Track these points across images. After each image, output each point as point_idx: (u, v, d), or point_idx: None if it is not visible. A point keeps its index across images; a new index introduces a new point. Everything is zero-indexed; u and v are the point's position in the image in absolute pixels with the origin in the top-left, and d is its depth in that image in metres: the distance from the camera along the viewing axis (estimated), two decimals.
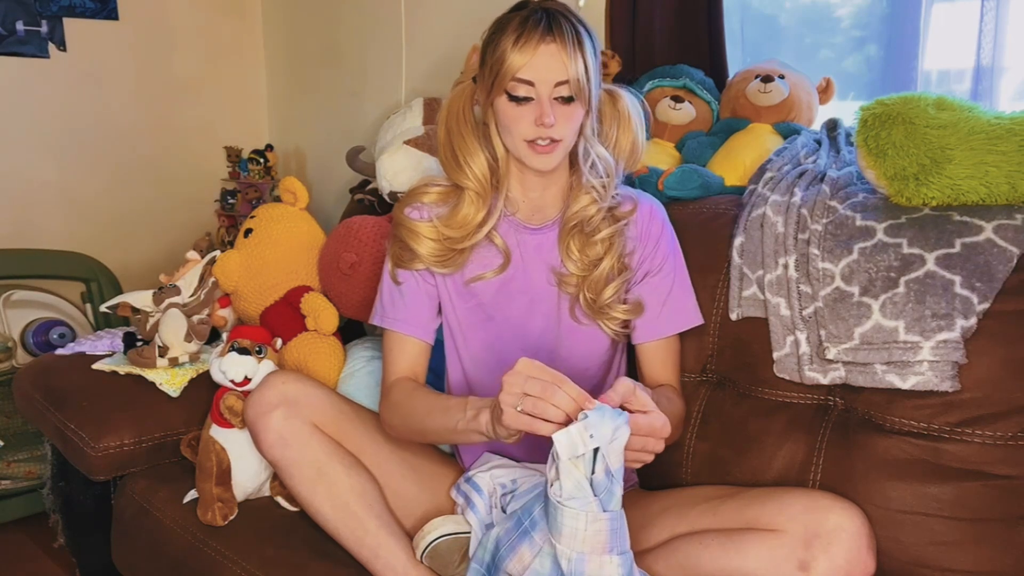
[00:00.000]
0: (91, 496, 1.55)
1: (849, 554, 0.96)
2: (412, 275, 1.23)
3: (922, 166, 1.12)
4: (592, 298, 1.19)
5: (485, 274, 1.22)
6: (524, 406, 0.90)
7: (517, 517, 0.99)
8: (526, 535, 0.96)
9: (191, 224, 2.59)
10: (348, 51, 2.40)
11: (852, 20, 1.67)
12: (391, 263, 1.25)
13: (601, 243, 1.19)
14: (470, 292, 1.23)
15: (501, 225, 1.22)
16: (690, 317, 1.26)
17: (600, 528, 0.87)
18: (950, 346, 1.06)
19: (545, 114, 1.08)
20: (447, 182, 1.25)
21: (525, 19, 1.10)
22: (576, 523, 0.87)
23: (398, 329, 1.24)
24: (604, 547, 0.88)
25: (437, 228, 1.21)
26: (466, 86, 1.22)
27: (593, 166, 1.19)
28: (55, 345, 2.04)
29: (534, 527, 0.96)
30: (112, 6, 2.40)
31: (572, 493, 0.87)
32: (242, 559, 1.23)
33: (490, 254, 1.22)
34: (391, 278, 1.25)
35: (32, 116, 2.32)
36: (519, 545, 0.97)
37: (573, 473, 0.87)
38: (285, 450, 1.18)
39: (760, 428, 1.21)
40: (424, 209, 1.24)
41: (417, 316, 1.24)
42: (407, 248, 1.22)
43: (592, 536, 0.87)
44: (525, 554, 0.96)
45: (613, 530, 0.88)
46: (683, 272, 1.26)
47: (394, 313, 1.24)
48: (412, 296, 1.24)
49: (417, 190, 1.26)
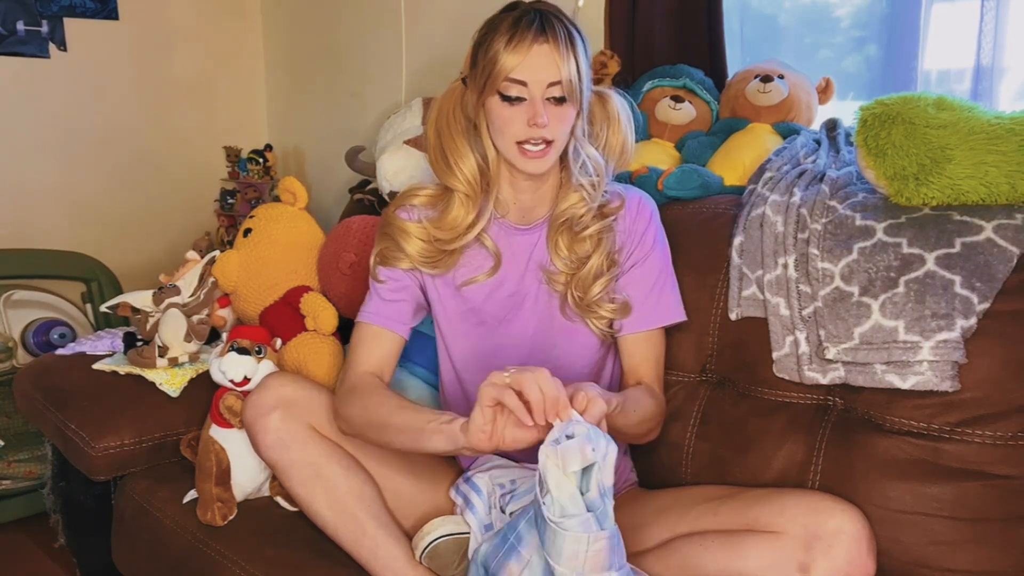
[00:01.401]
0: (91, 496, 1.55)
1: (849, 556, 0.96)
2: (395, 272, 1.23)
3: (922, 166, 1.12)
4: (580, 296, 1.19)
5: (477, 277, 1.22)
6: (510, 382, 0.92)
7: (503, 534, 0.99)
8: (513, 551, 0.96)
9: (191, 224, 2.60)
10: (348, 51, 2.40)
11: (852, 20, 1.67)
12: (374, 261, 1.25)
13: (589, 240, 1.19)
14: (462, 297, 1.23)
15: (492, 228, 1.22)
16: (671, 313, 1.24)
17: (600, 548, 0.87)
18: (950, 346, 1.06)
19: (538, 114, 1.08)
20: (435, 187, 1.25)
21: (518, 19, 1.10)
22: (578, 547, 0.86)
23: (371, 321, 1.23)
24: (604, 565, 0.88)
25: (427, 229, 1.21)
26: (456, 88, 1.22)
27: (583, 166, 1.19)
28: (55, 345, 2.04)
29: (520, 542, 0.95)
30: (112, 6, 2.41)
31: (568, 510, 0.86)
32: (242, 559, 1.23)
33: (481, 257, 1.22)
34: (372, 277, 1.25)
35: (32, 116, 2.32)
36: (507, 562, 0.97)
37: (566, 487, 0.86)
38: (283, 452, 1.17)
39: (760, 428, 1.21)
40: (414, 211, 1.24)
41: (393, 311, 1.23)
42: (396, 247, 1.22)
43: (593, 556, 0.87)
44: (514, 569, 0.96)
45: (612, 548, 0.88)
46: (668, 267, 1.25)
47: (369, 307, 1.24)
48: (392, 293, 1.23)
49: (406, 194, 1.26)
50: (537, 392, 0.91)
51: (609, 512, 0.88)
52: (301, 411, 1.19)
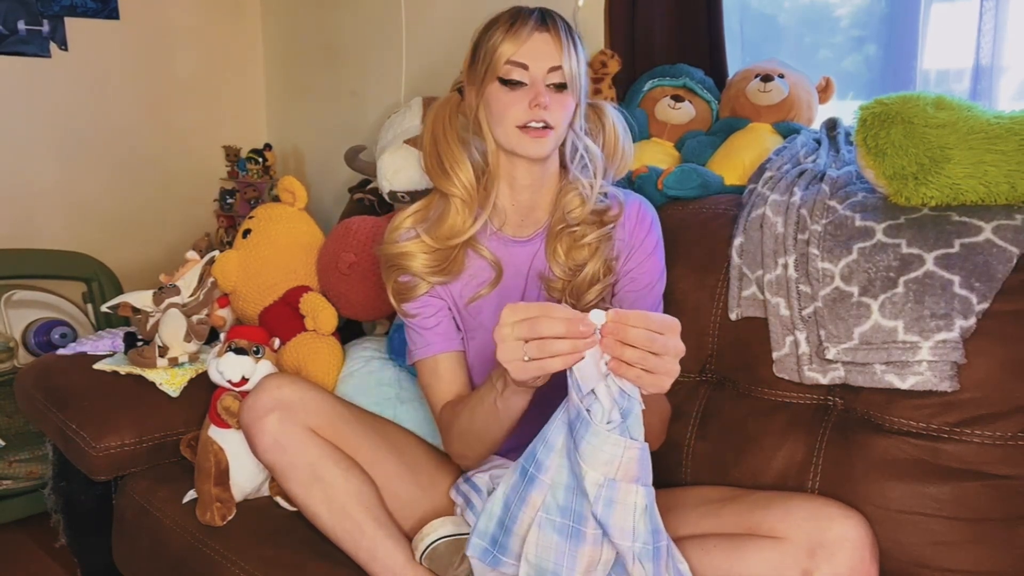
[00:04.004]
0: (92, 496, 1.55)
1: (853, 563, 0.96)
2: (418, 301, 1.21)
3: (921, 165, 1.12)
4: (573, 303, 1.19)
5: (481, 292, 1.21)
6: (529, 352, 0.87)
7: (520, 467, 0.97)
8: (533, 481, 0.95)
9: (191, 224, 2.60)
10: (348, 51, 2.40)
11: (851, 20, 1.67)
12: (395, 302, 1.22)
13: (588, 247, 1.19)
14: (470, 315, 1.22)
15: (490, 242, 1.22)
16: None
17: (633, 456, 0.87)
18: (949, 346, 1.05)
19: (540, 94, 1.09)
20: (419, 203, 1.24)
21: (517, 13, 1.11)
22: (616, 449, 0.87)
23: (423, 356, 1.21)
24: (634, 476, 0.89)
25: (425, 241, 1.19)
26: (452, 96, 1.22)
27: (583, 165, 1.19)
28: (56, 345, 2.04)
29: (540, 468, 0.94)
30: (113, 6, 2.41)
31: (611, 416, 0.87)
32: (241, 559, 1.23)
33: (482, 270, 1.21)
34: (401, 316, 1.23)
35: (33, 115, 2.32)
36: (529, 493, 0.95)
37: (605, 396, 0.87)
38: (281, 454, 1.17)
39: (759, 428, 1.21)
40: (409, 231, 1.22)
41: (436, 336, 1.21)
42: (404, 274, 1.20)
43: (626, 463, 0.87)
44: (536, 500, 0.95)
45: (641, 459, 0.89)
46: (662, 276, 1.24)
47: (416, 344, 1.22)
48: (427, 320, 1.21)
49: (393, 225, 1.23)
50: (563, 326, 0.86)
51: (640, 424, 0.88)
52: (298, 413, 1.19)
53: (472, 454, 1.16)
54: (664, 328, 0.85)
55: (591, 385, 0.87)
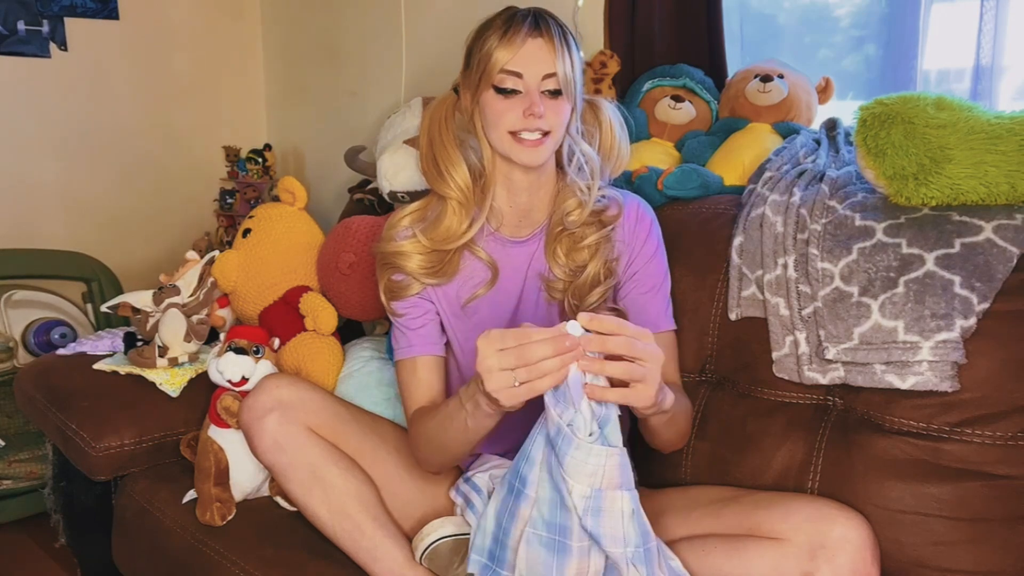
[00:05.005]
0: (92, 496, 1.55)
1: (854, 565, 0.96)
2: (408, 301, 1.21)
3: (921, 166, 1.12)
4: (576, 304, 1.19)
5: (478, 292, 1.21)
6: (519, 377, 0.87)
7: (507, 482, 0.99)
8: (520, 495, 0.96)
9: (191, 224, 2.60)
10: (348, 51, 2.40)
11: (851, 20, 1.67)
12: (385, 300, 1.22)
13: (587, 249, 1.19)
14: (467, 315, 1.22)
15: (487, 243, 1.21)
16: (660, 322, 1.22)
17: (614, 463, 0.88)
18: (949, 346, 1.05)
19: (535, 103, 1.08)
20: (418, 203, 1.24)
21: (511, 17, 1.11)
22: (599, 459, 0.88)
23: (404, 356, 1.21)
24: (617, 482, 0.89)
25: (421, 241, 1.19)
26: (448, 97, 1.22)
27: (579, 168, 1.19)
28: (56, 345, 2.04)
29: (525, 483, 0.96)
30: (113, 6, 2.41)
31: (591, 428, 0.88)
32: (241, 559, 1.23)
33: (478, 270, 1.21)
34: (390, 314, 1.23)
35: (33, 116, 2.32)
36: (518, 508, 0.96)
37: (586, 408, 0.88)
38: (280, 454, 1.17)
39: (759, 428, 1.21)
40: (406, 230, 1.22)
41: (420, 337, 1.21)
42: (397, 272, 1.20)
43: (609, 471, 0.88)
44: (524, 512, 0.96)
45: (622, 465, 0.89)
46: (666, 277, 1.24)
47: (399, 344, 1.22)
48: (413, 321, 1.21)
49: (391, 224, 1.24)
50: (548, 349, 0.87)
51: (618, 430, 0.90)
52: (298, 413, 1.19)
53: (436, 462, 1.16)
54: (639, 334, 0.88)
55: (577, 399, 0.88)
